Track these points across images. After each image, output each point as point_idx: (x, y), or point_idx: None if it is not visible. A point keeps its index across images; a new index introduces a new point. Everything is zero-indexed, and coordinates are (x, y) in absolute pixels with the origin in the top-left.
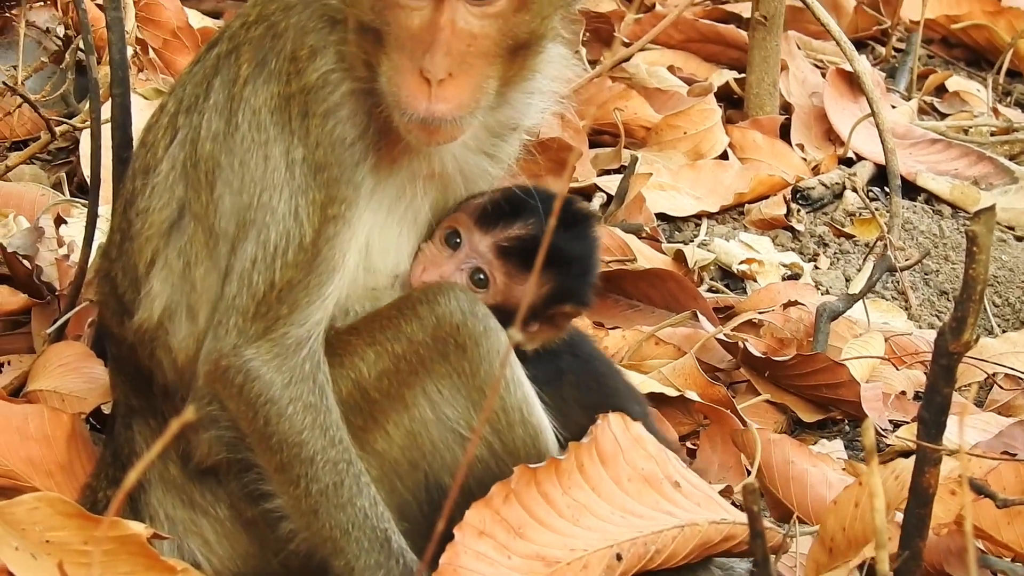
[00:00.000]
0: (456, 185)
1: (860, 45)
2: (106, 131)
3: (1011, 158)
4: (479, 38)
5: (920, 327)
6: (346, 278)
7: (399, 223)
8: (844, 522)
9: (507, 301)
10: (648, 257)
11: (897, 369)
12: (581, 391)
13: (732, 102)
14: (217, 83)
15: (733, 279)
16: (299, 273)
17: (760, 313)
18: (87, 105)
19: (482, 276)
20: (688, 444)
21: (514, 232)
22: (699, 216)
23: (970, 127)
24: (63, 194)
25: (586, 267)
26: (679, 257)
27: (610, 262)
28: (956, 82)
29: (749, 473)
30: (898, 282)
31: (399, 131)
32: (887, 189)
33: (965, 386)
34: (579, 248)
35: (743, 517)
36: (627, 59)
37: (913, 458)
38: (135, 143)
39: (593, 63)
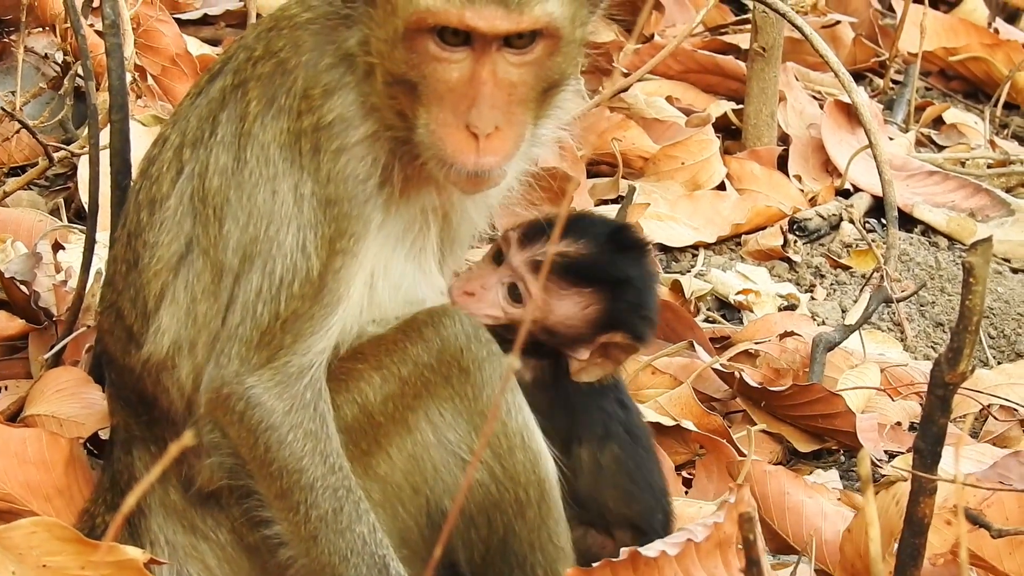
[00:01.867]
0: (461, 216)
1: (858, 77)
2: (104, 157)
3: (1008, 190)
4: (518, 86)
5: (916, 358)
6: (351, 309)
7: (406, 256)
8: (860, 548)
9: (550, 322)
10: None
11: (893, 400)
12: (619, 466)
13: (730, 133)
14: (224, 118)
15: (730, 309)
16: (304, 304)
17: (756, 343)
18: (85, 131)
19: (518, 292)
20: (684, 473)
21: (549, 248)
22: (696, 246)
23: (967, 159)
24: (61, 220)
25: (640, 296)
26: (676, 287)
27: None
28: (953, 114)
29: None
30: (894, 313)
31: (429, 173)
32: (884, 220)
33: (960, 417)
34: (629, 272)
35: None
36: (625, 89)
37: None
38: (134, 171)
39: (592, 93)
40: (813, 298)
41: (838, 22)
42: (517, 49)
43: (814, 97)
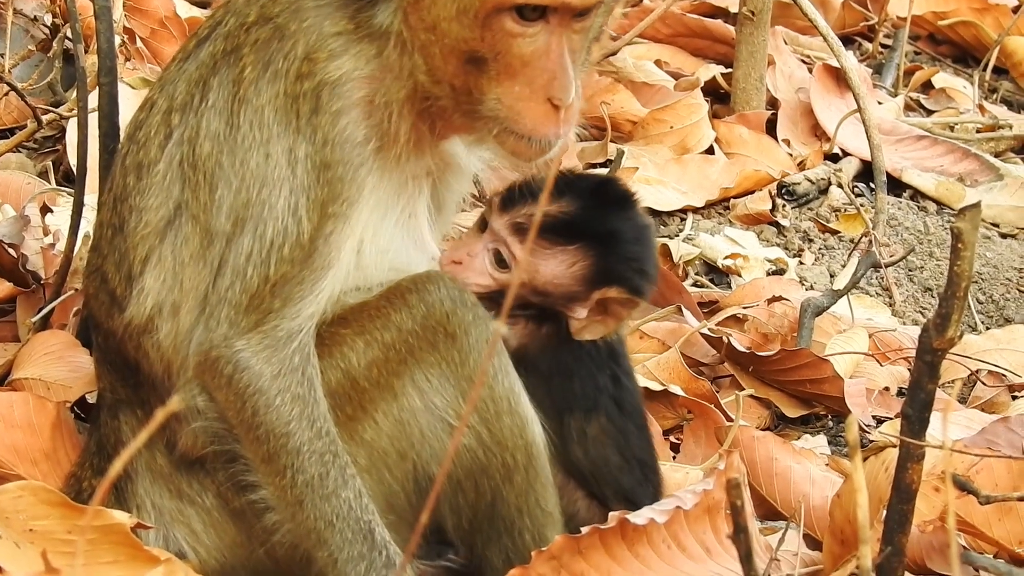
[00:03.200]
0: (449, 181)
1: (847, 41)
2: (93, 120)
3: (996, 155)
4: (578, 52)
5: (904, 323)
6: (340, 274)
7: (396, 222)
8: (849, 514)
9: (538, 282)
10: None
11: (881, 365)
12: (607, 438)
13: (719, 97)
14: (215, 83)
15: (718, 274)
16: (294, 268)
17: (744, 308)
18: (74, 94)
19: (502, 256)
20: (671, 438)
21: (530, 209)
22: (684, 211)
23: (956, 124)
24: (49, 183)
25: (630, 249)
26: (664, 251)
27: None
28: (942, 79)
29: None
30: (882, 278)
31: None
32: (872, 185)
33: (949, 383)
34: (616, 225)
35: None
36: (614, 53)
37: None
38: (121, 135)
39: None
40: (801, 263)
41: None
42: (581, 18)
43: (803, 61)
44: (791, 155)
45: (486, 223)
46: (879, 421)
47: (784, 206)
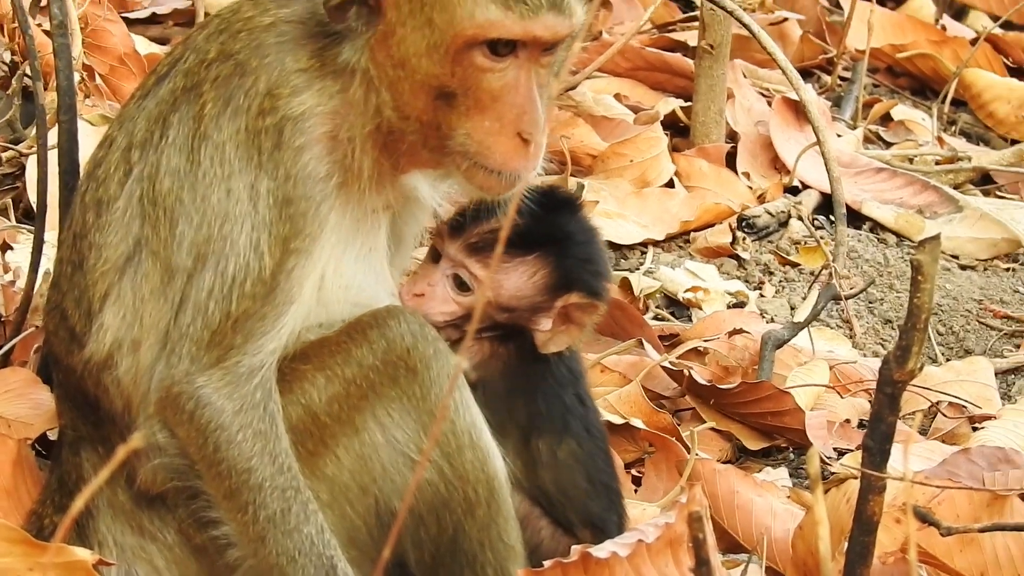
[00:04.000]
0: (407, 216)
1: (806, 74)
2: (53, 157)
3: (956, 187)
4: (544, 86)
5: (865, 355)
6: (301, 309)
7: (356, 257)
8: (812, 546)
9: (503, 299)
10: None
11: (842, 397)
12: (576, 462)
13: (678, 130)
14: (175, 120)
15: (679, 307)
16: (256, 304)
17: (705, 341)
18: (34, 131)
19: (463, 280)
20: (633, 471)
21: (481, 228)
22: (645, 244)
23: (915, 156)
24: (9, 220)
25: (584, 250)
26: (625, 285)
27: None
28: (901, 111)
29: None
30: (843, 310)
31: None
32: (832, 217)
33: (909, 414)
34: (569, 229)
35: None
36: (574, 87)
37: None
38: (81, 172)
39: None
40: (762, 295)
41: (786, 19)
42: (549, 52)
43: (762, 94)
44: (751, 188)
45: (438, 252)
46: (840, 453)
47: (744, 239)
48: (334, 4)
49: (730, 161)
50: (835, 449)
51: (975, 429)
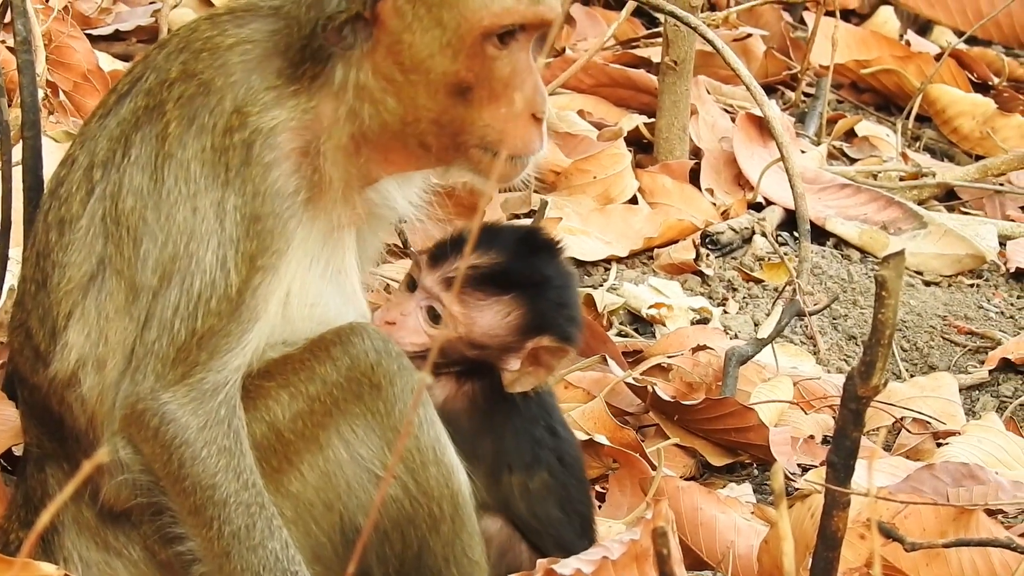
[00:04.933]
0: (371, 232)
1: (770, 90)
2: (17, 174)
3: (920, 203)
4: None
5: (829, 371)
6: (266, 327)
7: (321, 275)
8: (777, 560)
9: (475, 336)
10: None
11: (806, 413)
12: (548, 492)
13: (642, 147)
14: (138, 139)
15: (642, 323)
16: (222, 321)
17: (669, 357)
18: None
19: (437, 312)
20: (597, 488)
21: (460, 263)
22: (608, 260)
23: (879, 172)
24: None
25: (560, 295)
26: (588, 301)
27: None
28: (865, 127)
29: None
30: (807, 326)
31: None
32: (796, 234)
33: (873, 430)
34: (545, 272)
35: None
36: None
37: None
38: (44, 190)
39: None
40: (726, 311)
41: (749, 35)
42: (542, 33)
43: (726, 110)
44: (715, 204)
45: (415, 282)
46: (804, 469)
47: (708, 255)
48: (335, 26)
49: (694, 177)
50: (799, 465)
51: (939, 445)
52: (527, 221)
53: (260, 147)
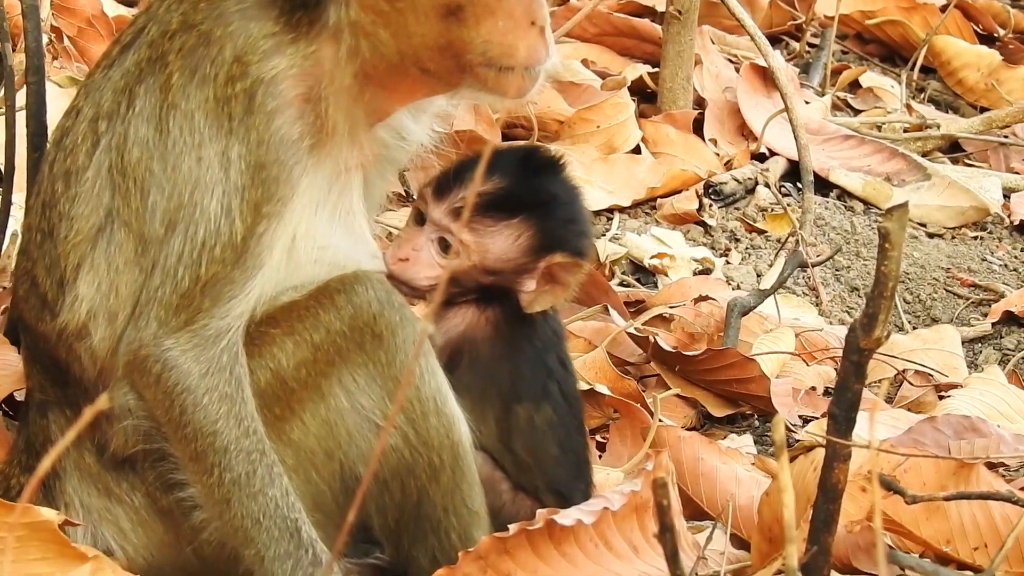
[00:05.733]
0: (377, 175)
1: (774, 40)
2: (21, 119)
3: (924, 155)
4: None
5: (831, 323)
6: (270, 273)
7: (330, 218)
8: (777, 513)
9: (489, 262)
10: None
11: (807, 365)
12: (551, 429)
13: (645, 96)
14: (142, 91)
15: (644, 273)
16: (225, 268)
17: (671, 308)
18: (1, 93)
19: (448, 243)
20: (598, 437)
21: (466, 191)
22: (611, 210)
23: (883, 123)
24: None
25: (568, 211)
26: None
27: None
28: (870, 78)
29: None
30: (809, 278)
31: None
32: (799, 185)
33: (875, 382)
34: (553, 190)
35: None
36: None
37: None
38: (49, 134)
39: None
40: (728, 262)
41: None
42: None
43: (730, 61)
44: (718, 155)
45: (422, 216)
46: (805, 421)
47: (711, 206)
48: None
49: (697, 127)
50: (800, 417)
51: (941, 397)
52: None
53: (262, 95)
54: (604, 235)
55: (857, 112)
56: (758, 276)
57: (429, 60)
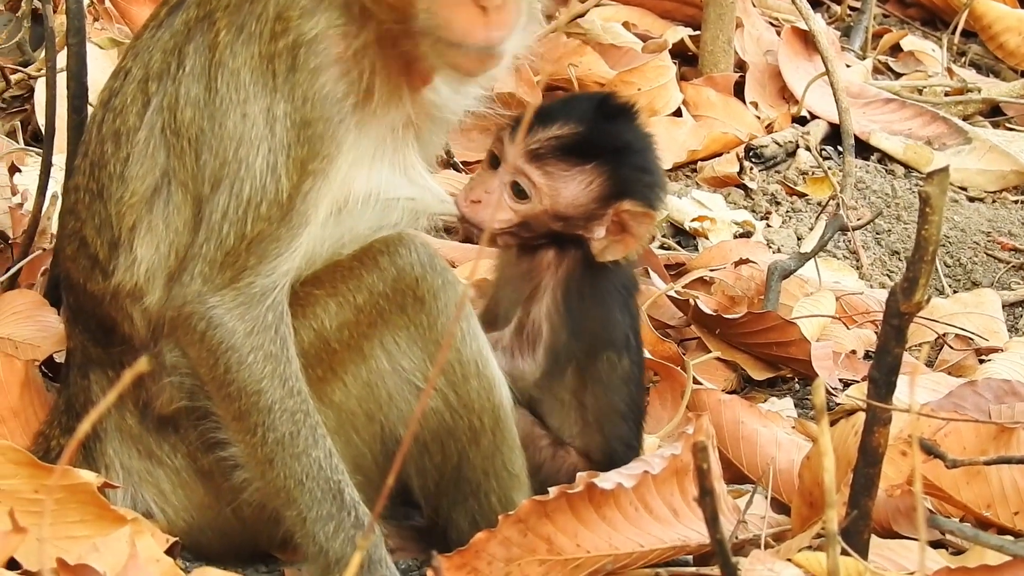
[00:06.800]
0: (430, 133)
1: (815, 3)
2: (61, 80)
3: (965, 118)
4: None
5: (871, 286)
6: (316, 231)
7: (389, 171)
8: (818, 476)
9: (560, 207)
10: None
11: (848, 328)
12: (624, 384)
13: (686, 59)
14: (191, 50)
15: (685, 236)
16: (271, 226)
17: (711, 271)
18: (42, 54)
19: (521, 187)
20: None
21: (541, 135)
22: None
23: (924, 87)
24: (17, 142)
25: (640, 159)
26: None
27: None
28: (911, 42)
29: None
30: (850, 241)
31: (401, 88)
32: (840, 148)
33: (916, 346)
34: (625, 137)
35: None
36: (582, 15)
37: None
38: (90, 95)
39: (548, 19)
40: (769, 225)
41: None
42: None
43: (771, 24)
44: (759, 118)
45: (496, 159)
46: (845, 384)
47: (751, 169)
48: None
49: (738, 91)
50: (840, 380)
51: (981, 361)
52: None
53: (305, 53)
54: None
55: (898, 76)
56: (798, 239)
57: (395, 22)
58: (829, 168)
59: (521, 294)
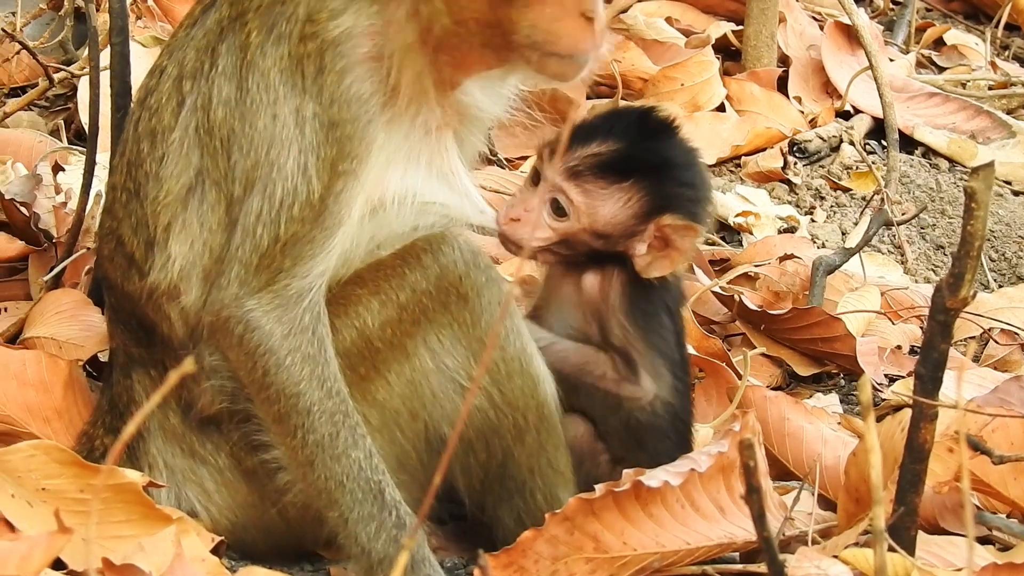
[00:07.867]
0: (466, 132)
1: None
2: (105, 79)
3: (1009, 112)
4: None
5: (916, 281)
6: (350, 231)
7: (425, 174)
8: (865, 473)
9: (599, 225)
10: None
11: (893, 323)
12: (679, 400)
13: (730, 54)
14: (223, 49)
15: (729, 232)
16: (304, 227)
17: (756, 266)
18: (86, 52)
19: (560, 205)
20: None
21: (580, 152)
22: None
23: (968, 81)
24: (61, 141)
25: (682, 174)
26: None
27: None
28: (954, 35)
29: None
30: (894, 236)
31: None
32: (884, 143)
33: (961, 341)
34: (665, 154)
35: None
36: (625, 10)
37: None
38: (134, 93)
39: None
40: (813, 220)
41: None
42: None
43: (814, 18)
44: (802, 112)
45: (538, 175)
46: (891, 380)
47: (796, 164)
48: None
49: (781, 85)
50: (886, 376)
51: None
52: None
53: (332, 54)
54: None
55: (941, 69)
56: (843, 234)
57: (481, 35)
58: (873, 163)
59: (575, 319)
